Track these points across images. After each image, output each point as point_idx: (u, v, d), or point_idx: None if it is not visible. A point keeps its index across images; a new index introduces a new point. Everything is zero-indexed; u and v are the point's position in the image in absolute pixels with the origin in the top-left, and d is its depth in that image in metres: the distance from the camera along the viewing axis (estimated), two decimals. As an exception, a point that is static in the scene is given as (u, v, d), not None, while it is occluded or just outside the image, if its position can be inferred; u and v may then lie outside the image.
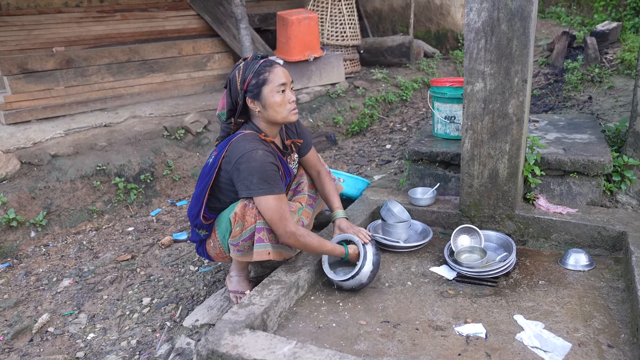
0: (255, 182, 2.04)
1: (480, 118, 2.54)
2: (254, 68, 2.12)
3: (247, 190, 2.06)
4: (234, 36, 5.80)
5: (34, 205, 3.57)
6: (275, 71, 2.12)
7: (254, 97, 2.13)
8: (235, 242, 2.18)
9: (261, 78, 2.10)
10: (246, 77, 2.12)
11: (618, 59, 5.47)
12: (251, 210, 2.11)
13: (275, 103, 2.11)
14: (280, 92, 2.11)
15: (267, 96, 2.11)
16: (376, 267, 2.26)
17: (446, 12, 7.72)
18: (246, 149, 2.06)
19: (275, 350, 1.73)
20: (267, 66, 2.12)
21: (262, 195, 2.05)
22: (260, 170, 2.04)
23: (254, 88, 2.11)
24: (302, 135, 2.45)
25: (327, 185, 2.49)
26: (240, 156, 2.06)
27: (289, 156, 2.39)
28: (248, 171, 2.04)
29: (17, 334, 2.49)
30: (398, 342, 1.94)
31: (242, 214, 2.12)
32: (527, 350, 1.85)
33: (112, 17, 5.44)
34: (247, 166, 2.04)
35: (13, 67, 4.58)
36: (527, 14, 2.31)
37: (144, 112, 4.91)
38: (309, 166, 2.51)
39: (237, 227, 2.15)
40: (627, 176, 2.84)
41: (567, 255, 2.45)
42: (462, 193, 2.73)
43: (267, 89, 2.10)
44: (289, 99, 2.14)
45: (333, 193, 2.48)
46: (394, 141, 5.05)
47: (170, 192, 4.21)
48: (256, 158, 2.04)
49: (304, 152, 2.46)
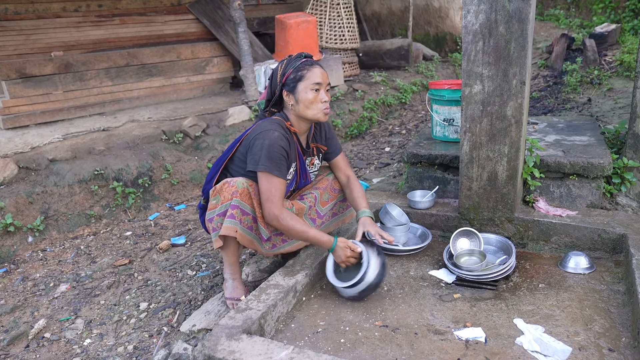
0: (262, 157, 2.15)
1: (478, 120, 2.53)
2: (295, 64, 2.24)
3: (254, 164, 2.18)
4: (232, 40, 5.80)
5: (32, 210, 3.55)
6: (313, 70, 2.22)
7: (289, 90, 2.24)
8: (210, 216, 2.24)
9: (299, 74, 2.22)
10: (286, 71, 2.24)
11: (617, 61, 5.46)
12: (230, 187, 2.19)
13: (308, 100, 2.21)
14: (314, 90, 2.21)
15: (301, 92, 2.21)
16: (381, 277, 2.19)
17: (445, 15, 7.72)
18: (266, 128, 2.20)
19: (272, 356, 1.71)
20: (307, 64, 2.24)
21: (262, 170, 2.15)
22: (268, 149, 2.15)
23: (291, 82, 2.23)
24: (329, 141, 2.52)
25: (355, 189, 2.53)
26: (259, 133, 2.20)
27: (309, 157, 2.46)
28: (260, 147, 2.17)
29: (13, 340, 2.47)
30: (397, 346, 1.92)
31: (220, 188, 2.22)
32: (527, 355, 1.83)
33: (110, 22, 5.44)
34: (261, 142, 2.17)
35: (11, 72, 4.57)
36: (525, 15, 2.30)
37: (142, 116, 4.90)
38: (338, 169, 2.58)
39: (214, 200, 2.24)
40: (627, 178, 2.82)
41: (567, 258, 2.43)
42: (461, 196, 2.71)
43: (303, 85, 2.21)
44: (322, 99, 2.24)
45: (361, 196, 2.51)
46: (393, 144, 5.04)
47: (169, 196, 4.20)
48: (270, 137, 2.16)
49: (332, 156, 2.55)
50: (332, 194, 2.57)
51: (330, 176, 2.59)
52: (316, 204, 2.50)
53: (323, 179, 2.58)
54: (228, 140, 4.72)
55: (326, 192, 2.55)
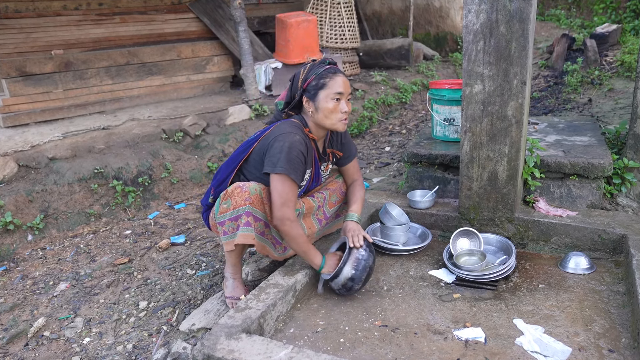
0: (281, 159, 2.10)
1: (479, 120, 2.52)
2: (318, 71, 2.20)
3: (272, 166, 2.12)
4: (233, 39, 5.79)
5: (31, 208, 3.55)
6: (336, 79, 2.18)
7: (310, 97, 2.21)
8: (221, 220, 2.21)
9: (321, 82, 2.18)
10: (308, 77, 2.21)
11: (618, 61, 5.45)
12: (243, 192, 2.15)
13: (327, 109, 2.18)
14: (335, 100, 2.18)
15: (321, 100, 2.18)
16: (362, 271, 2.17)
17: (445, 15, 7.72)
18: (286, 131, 2.16)
19: (271, 355, 1.71)
20: (330, 72, 2.19)
21: (280, 173, 2.10)
22: (288, 152, 2.11)
23: (312, 89, 2.20)
24: (345, 147, 2.49)
25: (356, 191, 2.52)
26: (279, 134, 2.15)
27: (324, 163, 2.44)
28: (279, 149, 2.12)
29: (13, 339, 2.47)
30: (396, 346, 1.92)
31: (232, 192, 2.18)
32: (526, 355, 1.82)
33: (111, 20, 5.43)
34: (281, 145, 2.12)
35: (12, 70, 4.57)
36: (526, 15, 2.29)
37: (142, 115, 4.90)
38: (348, 175, 2.56)
39: (225, 204, 2.19)
40: (628, 179, 2.82)
41: (567, 259, 2.43)
42: (461, 196, 2.71)
43: (324, 94, 2.17)
44: (342, 109, 2.20)
45: (357, 198, 2.49)
46: (393, 144, 5.04)
47: (169, 195, 4.19)
48: (291, 140, 2.13)
49: (345, 162, 2.52)
50: (340, 196, 2.57)
51: (339, 179, 2.58)
52: (324, 205, 2.50)
53: (333, 181, 2.57)
54: (228, 139, 4.72)
55: (335, 195, 2.54)
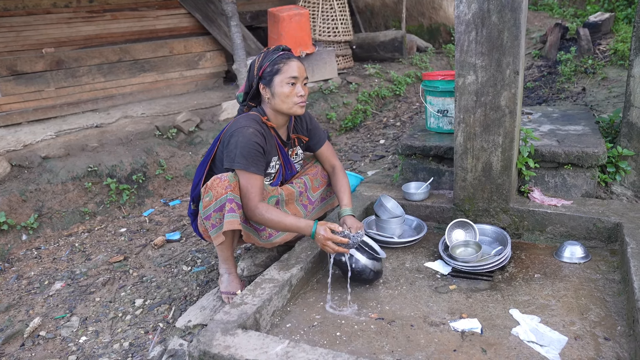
0: (237, 155, 2.15)
1: (472, 111, 2.51)
2: (272, 57, 2.23)
3: (230, 162, 2.18)
4: (225, 34, 5.76)
5: (25, 208, 3.53)
6: (290, 64, 2.21)
7: (266, 84, 2.24)
8: (207, 213, 2.21)
9: (275, 67, 2.21)
10: (263, 64, 2.24)
11: (611, 49, 5.45)
12: (222, 181, 2.17)
13: (283, 93, 2.21)
14: (290, 84, 2.21)
15: (277, 85, 2.21)
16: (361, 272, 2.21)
17: (438, 6, 7.69)
18: (241, 125, 2.20)
19: (267, 350, 1.70)
20: (284, 58, 2.22)
21: (238, 168, 2.16)
22: (243, 146, 2.15)
23: (267, 75, 2.23)
24: (312, 132, 2.52)
25: (340, 181, 2.52)
26: (234, 131, 2.20)
27: (290, 149, 2.46)
28: (234, 145, 2.17)
29: (8, 339, 2.46)
30: (393, 338, 1.92)
31: (211, 184, 2.20)
32: (523, 345, 1.83)
33: (101, 17, 5.39)
34: (235, 140, 2.17)
35: (2, 69, 4.53)
36: (518, 4, 2.28)
37: (135, 112, 4.87)
38: (323, 160, 2.58)
39: (207, 197, 2.21)
40: (622, 167, 2.82)
41: (562, 248, 2.43)
42: (456, 187, 2.71)
43: (279, 79, 2.20)
44: (297, 93, 2.23)
45: (344, 190, 2.49)
46: (388, 136, 5.03)
47: (163, 192, 4.18)
48: (245, 134, 2.16)
49: (317, 146, 2.54)
50: (323, 180, 2.60)
51: (318, 164, 2.61)
52: (307, 190, 2.52)
53: (312, 166, 2.59)
54: (222, 135, 4.70)
55: (317, 179, 2.56)
